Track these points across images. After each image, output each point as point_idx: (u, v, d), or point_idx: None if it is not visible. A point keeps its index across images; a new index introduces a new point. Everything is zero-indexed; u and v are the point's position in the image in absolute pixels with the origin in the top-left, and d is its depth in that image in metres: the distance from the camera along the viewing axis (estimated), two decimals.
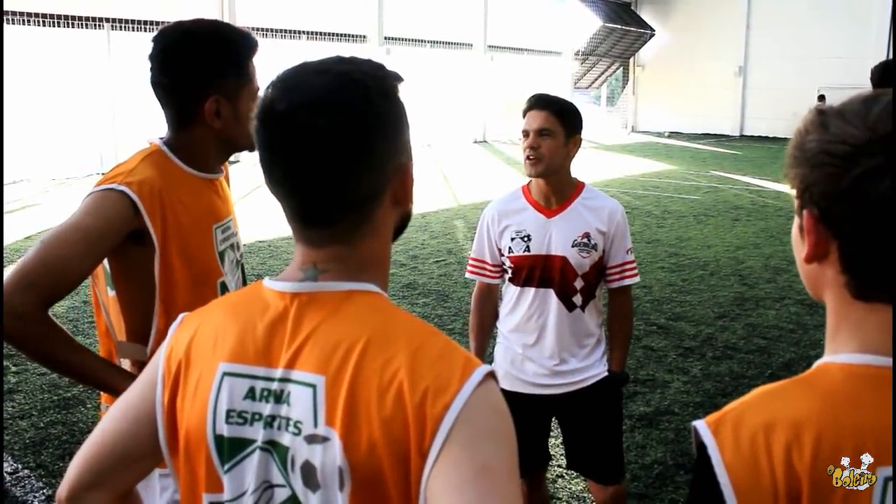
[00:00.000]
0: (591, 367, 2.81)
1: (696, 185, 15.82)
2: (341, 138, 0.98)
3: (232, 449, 1.02)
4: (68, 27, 16.32)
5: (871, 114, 0.91)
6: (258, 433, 1.01)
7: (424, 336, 0.99)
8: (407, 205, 1.08)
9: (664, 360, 5.65)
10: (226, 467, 1.02)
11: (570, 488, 3.83)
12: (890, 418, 0.89)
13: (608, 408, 2.85)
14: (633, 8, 32.60)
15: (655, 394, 5.02)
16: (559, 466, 3.95)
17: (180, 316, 1.14)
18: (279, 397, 1.00)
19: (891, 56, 26.57)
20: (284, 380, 1.00)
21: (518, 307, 2.80)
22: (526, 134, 2.68)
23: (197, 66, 1.84)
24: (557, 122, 2.66)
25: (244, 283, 2.11)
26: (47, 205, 12.64)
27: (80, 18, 16.42)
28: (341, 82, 1.00)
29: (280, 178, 1.02)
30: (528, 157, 2.66)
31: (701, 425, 0.95)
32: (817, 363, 0.99)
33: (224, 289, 1.98)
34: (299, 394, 0.98)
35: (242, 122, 1.88)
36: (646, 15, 32.48)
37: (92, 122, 17.09)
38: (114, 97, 16.91)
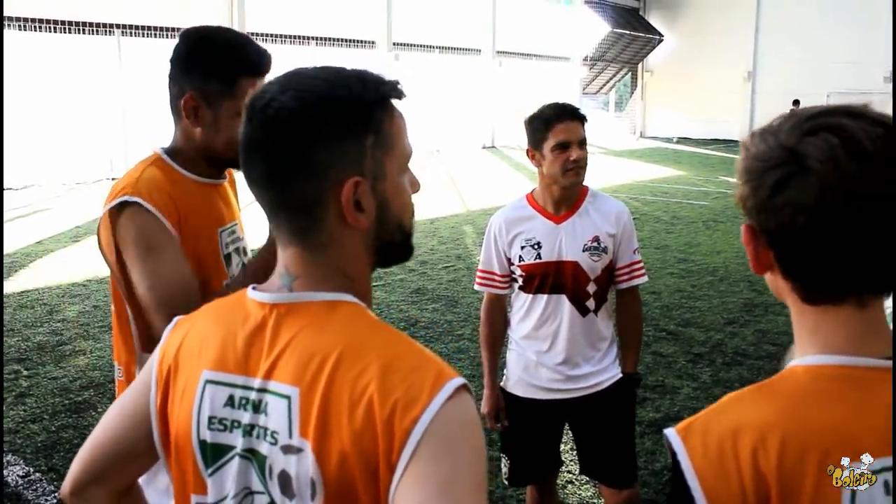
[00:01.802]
0: (605, 371, 2.82)
1: (704, 191, 15.80)
2: (280, 140, 1.01)
3: (214, 454, 1.05)
4: (79, 33, 16.43)
5: (783, 130, 0.97)
6: (237, 440, 1.03)
7: (398, 348, 0.99)
8: (359, 221, 1.04)
9: (673, 367, 5.64)
10: (209, 471, 1.06)
11: (579, 494, 3.82)
12: (857, 416, 0.92)
13: (622, 410, 2.85)
14: (641, 13, 32.60)
15: (665, 400, 5.01)
16: (569, 472, 3.94)
17: (174, 319, 1.17)
18: (257, 407, 1.02)
19: None
20: (262, 390, 1.02)
21: (530, 314, 2.80)
22: (565, 145, 2.66)
23: (186, 61, 1.87)
24: (585, 131, 2.72)
25: None
26: (57, 210, 12.71)
27: (90, 24, 16.52)
28: (304, 85, 1.03)
29: (245, 169, 1.07)
30: (570, 169, 2.67)
31: (671, 433, 0.98)
32: (785, 367, 1.02)
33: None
34: (276, 405, 1.00)
35: (222, 133, 1.87)
36: (654, 20, 32.47)
37: (102, 128, 17.19)
38: (124, 103, 17.01)
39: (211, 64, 1.86)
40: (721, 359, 5.82)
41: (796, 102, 21.39)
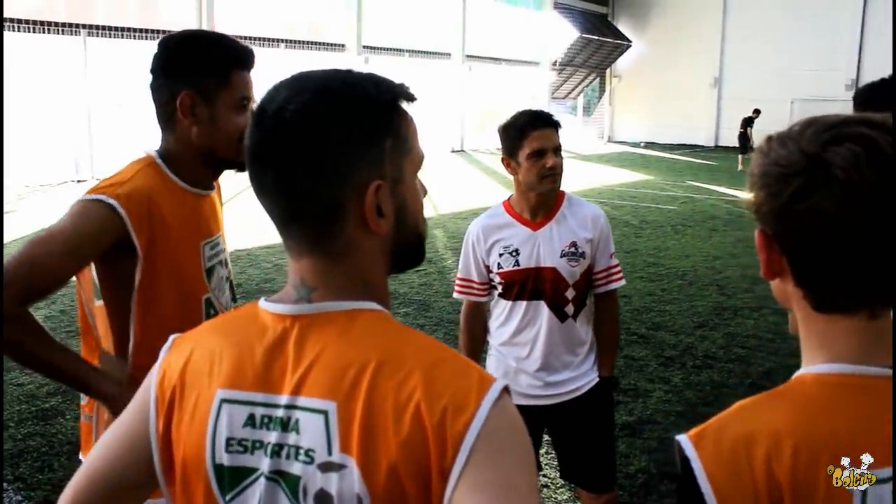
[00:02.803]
0: (584, 376, 2.83)
1: (672, 196, 15.96)
2: (299, 144, 0.97)
3: (233, 478, 0.99)
4: (44, 33, 16.15)
5: (804, 137, 0.97)
6: (261, 462, 0.97)
7: (435, 353, 0.97)
8: (380, 227, 1.01)
9: (645, 370, 5.69)
10: (227, 497, 0.99)
11: (555, 498, 3.84)
12: (867, 424, 0.93)
13: (601, 415, 2.87)
14: (609, 19, 32.90)
15: (637, 403, 5.05)
16: (544, 476, 3.95)
17: (170, 338, 1.11)
18: (286, 425, 0.96)
19: (861, 71, 27.09)
20: (291, 406, 0.96)
21: (510, 321, 2.81)
22: (540, 153, 2.66)
23: (176, 62, 1.88)
24: (559, 138, 2.73)
25: (233, 300, 2.10)
26: (21, 212, 12.47)
27: (56, 24, 16.25)
28: (322, 88, 0.99)
29: (254, 177, 1.02)
30: (546, 176, 2.67)
31: (683, 439, 0.98)
32: (794, 375, 1.03)
33: (210, 306, 1.98)
34: (309, 421, 0.95)
35: (221, 128, 1.88)
36: (622, 26, 32.78)
37: (68, 129, 16.92)
38: (90, 104, 16.75)
39: (203, 60, 1.87)
40: (692, 362, 5.88)
41: (756, 112, 21.87)
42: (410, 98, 1.04)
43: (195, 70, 1.86)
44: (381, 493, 0.91)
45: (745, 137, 21.66)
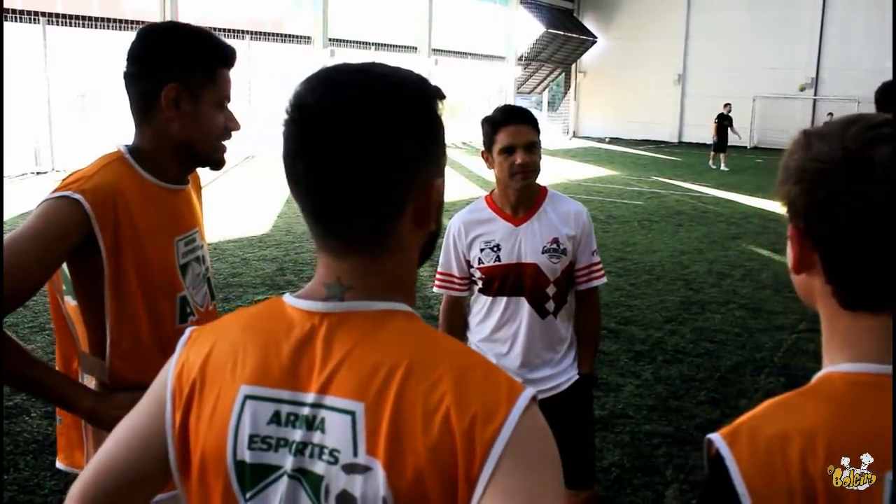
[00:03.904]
0: (564, 373, 2.83)
1: (638, 191, 16.11)
2: (371, 138, 0.94)
3: (255, 476, 0.97)
4: (2, 20, 15.77)
5: (847, 134, 0.97)
6: (285, 460, 0.96)
7: (466, 359, 0.95)
8: (430, 223, 1.02)
9: (616, 364, 5.73)
10: (248, 494, 0.97)
11: None
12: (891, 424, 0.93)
13: (580, 411, 2.87)
14: (575, 15, 33.05)
15: (609, 397, 5.08)
16: None
17: (187, 331, 1.08)
18: (311, 423, 0.95)
19: (820, 70, 27.59)
20: (317, 405, 0.95)
21: (490, 317, 2.80)
22: (510, 150, 2.64)
23: (163, 54, 1.83)
24: (536, 134, 2.69)
25: (211, 298, 2.06)
26: None
27: (14, 12, 15.87)
28: (382, 82, 0.97)
29: (299, 176, 0.97)
30: (516, 173, 2.64)
31: (717, 437, 0.98)
32: (819, 374, 1.03)
33: (185, 303, 1.93)
34: (335, 421, 0.93)
35: (203, 124, 1.84)
36: (588, 22, 32.97)
37: (27, 120, 16.55)
38: (50, 94, 16.40)
39: (192, 55, 1.83)
40: (661, 356, 5.94)
41: (727, 106, 22.01)
42: (443, 96, 1.04)
43: (183, 64, 1.81)
44: (405, 497, 0.89)
45: (722, 134, 21.29)
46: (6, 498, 3.67)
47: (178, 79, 1.80)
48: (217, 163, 1.94)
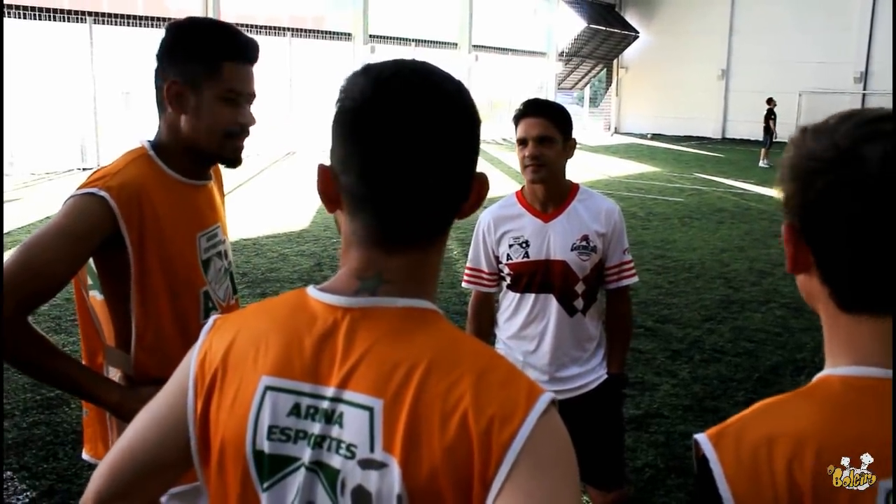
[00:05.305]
0: (592, 372, 2.79)
1: (679, 188, 15.90)
2: (454, 132, 0.97)
3: (273, 466, 0.97)
4: (50, 20, 16.14)
5: (839, 131, 0.95)
6: (303, 452, 0.96)
7: (487, 360, 0.95)
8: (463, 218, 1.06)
9: (652, 363, 5.66)
10: (265, 485, 0.98)
11: None
12: (891, 431, 0.90)
13: (610, 411, 2.83)
14: (617, 10, 32.73)
15: (645, 397, 5.02)
16: None
17: (211, 319, 1.09)
18: (330, 417, 0.95)
19: (871, 63, 26.92)
20: (336, 399, 0.95)
21: (518, 313, 2.77)
22: (524, 142, 2.62)
23: (169, 48, 1.83)
24: (555, 128, 2.63)
25: (234, 292, 2.08)
26: (27, 200, 12.48)
27: (62, 11, 16.23)
28: (448, 83, 0.98)
29: (360, 172, 0.96)
30: (527, 165, 2.62)
31: (702, 438, 0.96)
32: (818, 376, 1.00)
33: (207, 298, 1.94)
34: (353, 416, 0.93)
35: (203, 119, 1.82)
36: (630, 17, 32.63)
37: (74, 117, 16.92)
38: (96, 92, 16.74)
39: (193, 47, 1.82)
40: (699, 355, 5.85)
41: (770, 101, 21.60)
42: None
43: (183, 58, 1.81)
44: (420, 495, 0.89)
45: (769, 130, 21.11)
46: (45, 486, 3.75)
47: (179, 73, 1.80)
48: (229, 160, 1.92)
